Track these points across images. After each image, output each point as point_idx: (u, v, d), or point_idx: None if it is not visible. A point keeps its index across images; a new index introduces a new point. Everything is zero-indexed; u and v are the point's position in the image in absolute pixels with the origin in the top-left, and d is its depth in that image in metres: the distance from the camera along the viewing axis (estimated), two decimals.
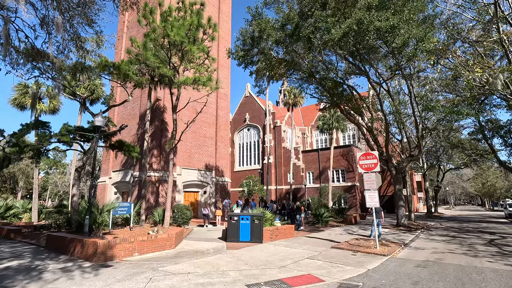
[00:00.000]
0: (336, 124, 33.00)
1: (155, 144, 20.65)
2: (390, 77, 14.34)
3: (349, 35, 10.44)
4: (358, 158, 10.36)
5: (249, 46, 15.35)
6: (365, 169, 10.10)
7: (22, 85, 21.34)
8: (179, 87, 13.83)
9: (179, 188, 21.68)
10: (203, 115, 24.56)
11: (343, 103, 16.48)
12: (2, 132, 11.65)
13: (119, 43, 26.09)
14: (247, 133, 51.74)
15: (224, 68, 27.41)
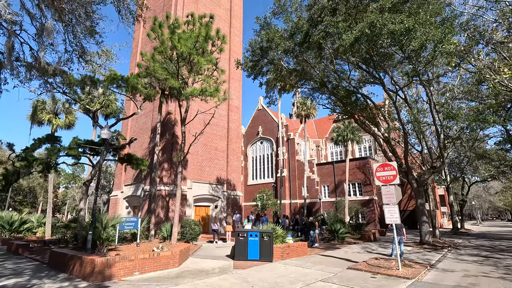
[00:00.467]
0: (351, 135, 32.01)
1: (165, 157, 20.50)
2: (407, 84, 13.58)
3: (361, 40, 9.92)
4: (375, 169, 9.59)
5: (258, 57, 15.11)
6: (383, 182, 9.30)
7: (40, 101, 21.99)
8: (187, 99, 13.65)
9: (190, 202, 21.27)
10: (214, 128, 24.41)
11: (357, 113, 15.76)
12: (11, 146, 11.77)
13: (134, 59, 26.73)
14: (260, 146, 51.31)
15: (236, 81, 27.40)
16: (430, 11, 9.85)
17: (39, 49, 7.93)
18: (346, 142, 32.87)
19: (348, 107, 15.37)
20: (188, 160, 21.55)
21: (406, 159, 14.78)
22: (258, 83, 15.79)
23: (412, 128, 16.07)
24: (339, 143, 34.81)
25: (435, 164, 16.68)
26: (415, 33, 9.34)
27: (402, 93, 14.84)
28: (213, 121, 24.45)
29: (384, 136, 16.63)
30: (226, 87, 26.17)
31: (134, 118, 25.68)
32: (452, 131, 16.28)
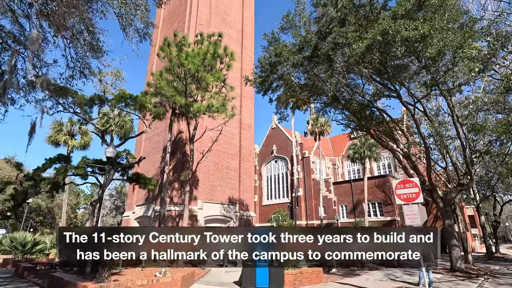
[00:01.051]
0: (368, 152, 30.74)
1: (176, 177, 20.21)
2: (426, 95, 12.75)
3: (373, 49, 9.41)
4: (394, 186, 8.70)
5: (267, 72, 14.85)
6: (405, 200, 8.37)
7: (58, 123, 22.67)
8: (195, 116, 13.46)
9: (201, 223, 20.62)
10: (226, 147, 24.11)
11: (373, 127, 14.93)
12: (19, 166, 11.86)
13: (148, 79, 27.43)
14: (274, 165, 50.48)
15: (247, 99, 27.35)
16: (446, 17, 9.28)
17: (41, 66, 7.92)
18: (363, 160, 31.57)
19: (362, 121, 14.61)
20: (199, 179, 21.15)
21: (430, 175, 13.62)
22: (264, 96, 15.41)
23: (434, 143, 15.01)
24: (356, 160, 33.49)
25: (462, 181, 15.32)
26: (431, 40, 8.73)
27: (421, 106, 13.96)
28: (224, 139, 24.24)
29: (404, 152, 15.58)
30: (236, 104, 26.10)
31: (147, 137, 25.90)
32: (479, 145, 15.04)
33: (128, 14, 9.04)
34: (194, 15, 24.66)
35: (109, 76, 12.86)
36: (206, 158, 18.09)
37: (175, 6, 28.17)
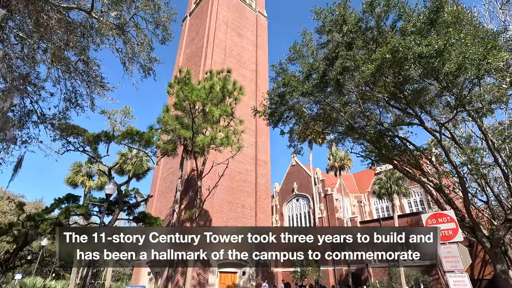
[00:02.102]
0: (395, 187, 28.37)
1: (188, 216, 19.28)
2: (451, 119, 11.50)
3: (383, 69, 8.70)
4: (425, 222, 7.29)
5: (276, 104, 14.45)
6: (440, 239, 6.88)
7: (77, 165, 23.21)
8: (202, 151, 12.99)
9: (213, 268, 19.02)
10: (241, 184, 23.24)
11: (395, 157, 13.58)
12: (22, 206, 11.62)
13: None
14: (296, 204, 48.21)
15: (263, 135, 26.97)
16: (464, 33, 8.54)
17: (37, 100, 7.89)
18: (391, 196, 29.10)
19: (383, 150, 13.37)
20: (211, 218, 20.08)
21: (469, 210, 11.72)
22: (274, 128, 14.79)
23: (468, 172, 13.26)
24: (383, 196, 30.98)
25: (510, 217, 13.08)
26: (449, 54, 7.90)
27: (448, 131, 12.61)
28: (239, 176, 23.49)
29: (435, 184, 13.85)
30: (251, 141, 25.69)
31: (162, 177, 25.73)
32: None
33: (130, 50, 9.10)
34: (210, 58, 25.78)
35: (119, 114, 13.00)
36: (213, 195, 17.30)
37: (194, 51, 29.87)
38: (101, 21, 7.82)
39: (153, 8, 9.54)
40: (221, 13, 29.63)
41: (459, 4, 9.84)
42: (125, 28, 9.34)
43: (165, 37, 10.23)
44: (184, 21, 36.10)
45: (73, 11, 7.43)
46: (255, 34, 32.56)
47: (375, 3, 9.43)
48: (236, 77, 26.94)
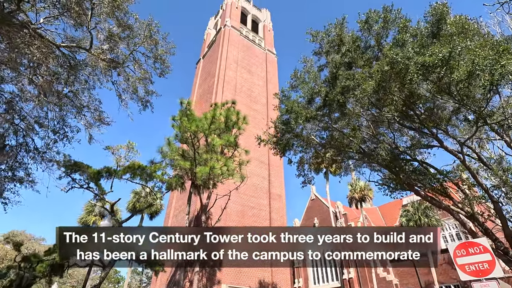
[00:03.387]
0: (425, 219, 25.78)
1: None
2: (472, 135, 10.36)
3: (385, 84, 8.10)
4: (452, 253, 6.08)
5: (282, 132, 13.98)
6: (473, 274, 5.63)
7: (90, 204, 23.22)
8: (206, 184, 12.45)
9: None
10: (254, 219, 22.09)
11: (416, 182, 12.28)
12: (18, 247, 11.24)
13: None
14: None
15: (275, 168, 26.23)
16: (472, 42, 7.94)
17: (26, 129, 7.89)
18: None
19: (401, 175, 12.19)
20: (221, 259, 18.75)
21: (508, 237, 10.01)
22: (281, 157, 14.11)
23: (504, 195, 11.62)
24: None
25: None
26: (456, 63, 7.25)
27: (472, 151, 11.36)
28: (252, 211, 22.43)
29: (466, 211, 12.22)
30: (265, 174, 24.91)
31: (174, 214, 25.12)
32: None
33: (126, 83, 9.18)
34: (220, 94, 26.41)
35: (123, 149, 12.99)
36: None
37: (206, 89, 30.93)
38: (96, 54, 8.03)
39: (151, 44, 9.81)
40: (231, 53, 31.00)
41: (463, 16, 9.37)
42: (124, 63, 9.56)
43: (163, 70, 10.36)
44: (198, 63, 38.09)
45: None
46: (264, 70, 33.49)
47: (371, 21, 9.17)
48: (247, 111, 27.16)
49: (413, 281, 31.31)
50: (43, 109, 8.46)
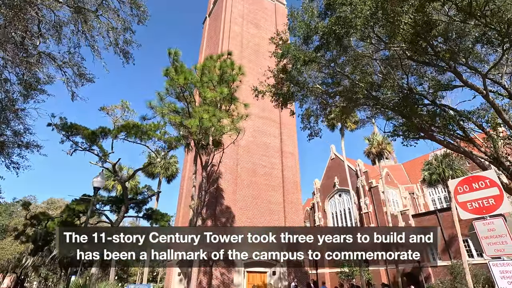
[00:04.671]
0: (450, 171, 24.23)
1: (209, 214, 18.58)
2: (497, 63, 8.72)
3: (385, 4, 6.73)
4: (453, 190, 5.24)
5: (282, 82, 12.93)
6: (475, 212, 4.82)
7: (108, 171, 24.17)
8: (204, 140, 12.05)
9: (239, 267, 17.93)
10: (266, 178, 21.90)
11: (430, 126, 10.99)
12: (27, 206, 11.82)
13: None
14: (339, 200, 45.08)
15: (287, 126, 25.30)
16: None
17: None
18: (445, 182, 24.95)
19: (414, 119, 10.93)
20: (234, 215, 19.08)
21: None
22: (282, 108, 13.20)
23: None
24: (436, 184, 26.86)
25: None
26: None
27: (498, 84, 9.75)
28: (264, 170, 22.20)
29: (489, 155, 10.90)
30: (275, 132, 24.18)
31: (189, 177, 25.60)
32: None
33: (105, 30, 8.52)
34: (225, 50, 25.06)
35: (118, 109, 12.76)
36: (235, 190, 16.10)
37: (212, 48, 29.59)
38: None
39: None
40: (236, 7, 28.91)
41: None
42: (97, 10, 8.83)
43: (140, 16, 9.52)
44: (204, 23, 36.28)
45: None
46: (274, 23, 31.14)
47: None
48: (254, 68, 25.83)
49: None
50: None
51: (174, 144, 13.57)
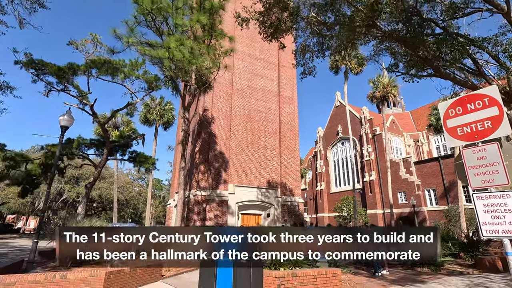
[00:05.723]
0: None
1: (202, 159, 18.32)
2: None
3: None
4: (443, 113, 4.31)
5: (270, 7, 11.25)
6: (466, 138, 3.96)
7: (103, 117, 23.66)
8: (183, 76, 10.96)
9: (233, 209, 18.25)
10: (262, 123, 21.10)
11: (437, 58, 9.56)
12: (3, 147, 11.49)
13: None
14: (341, 148, 44.74)
15: (286, 68, 23.57)
16: None
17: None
18: None
19: (418, 47, 9.48)
20: (228, 160, 18.81)
21: None
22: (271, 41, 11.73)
23: None
24: (442, 129, 25.62)
25: None
26: None
27: None
28: (260, 115, 21.30)
29: (502, 90, 9.64)
30: (273, 75, 22.64)
31: None
32: None
33: None
34: None
35: (89, 44, 11.54)
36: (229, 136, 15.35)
37: None
38: None
39: None
40: None
41: None
42: None
43: None
44: None
45: None
46: None
47: None
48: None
49: (436, 181, 30.53)
50: None
51: (154, 84, 12.54)
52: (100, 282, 5.92)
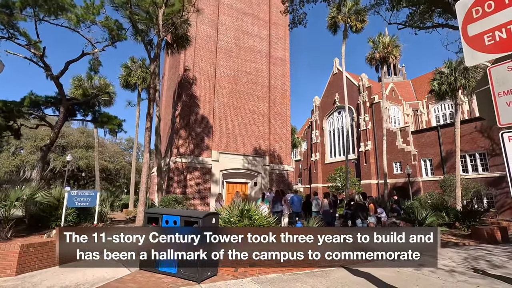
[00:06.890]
0: (462, 81, 21.08)
1: (182, 123, 16.87)
2: None
3: None
4: (463, 16, 2.79)
5: None
6: (496, 49, 2.48)
7: (77, 79, 21.75)
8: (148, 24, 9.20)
9: (217, 177, 17.17)
10: (250, 86, 19.42)
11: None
12: None
13: None
14: (338, 117, 43.27)
15: (278, 26, 21.36)
16: None
17: None
18: (454, 92, 22.05)
19: None
20: (212, 125, 17.39)
21: None
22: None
23: None
24: (445, 97, 23.93)
25: None
26: None
27: None
28: (247, 77, 19.55)
29: None
30: (264, 33, 20.51)
31: (168, 87, 23.28)
32: None
33: None
34: None
35: None
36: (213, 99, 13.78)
37: None
38: None
39: None
40: None
41: None
42: None
43: None
44: None
45: None
46: None
47: None
48: None
49: (433, 151, 29.49)
50: None
51: (116, 32, 10.71)
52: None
